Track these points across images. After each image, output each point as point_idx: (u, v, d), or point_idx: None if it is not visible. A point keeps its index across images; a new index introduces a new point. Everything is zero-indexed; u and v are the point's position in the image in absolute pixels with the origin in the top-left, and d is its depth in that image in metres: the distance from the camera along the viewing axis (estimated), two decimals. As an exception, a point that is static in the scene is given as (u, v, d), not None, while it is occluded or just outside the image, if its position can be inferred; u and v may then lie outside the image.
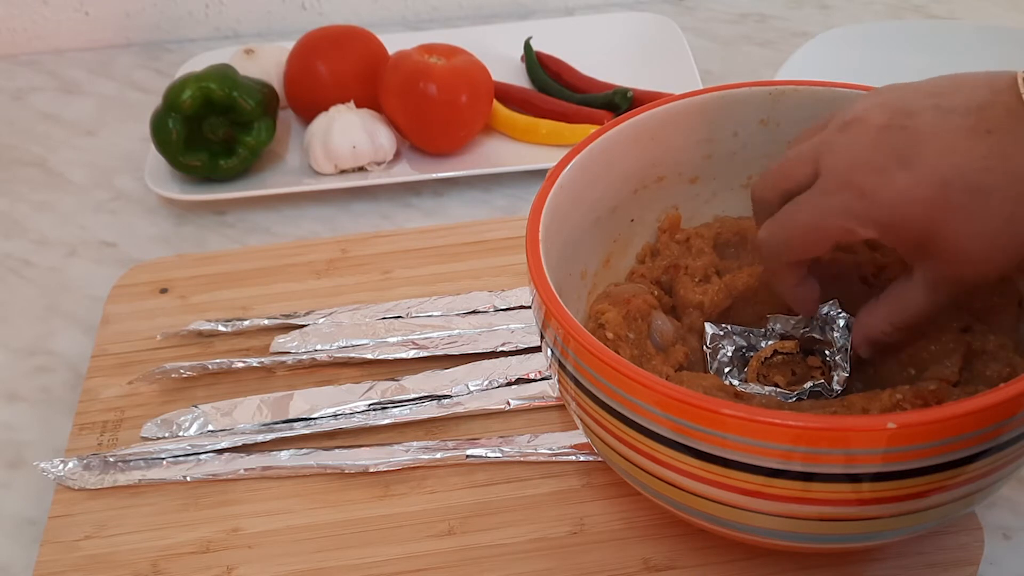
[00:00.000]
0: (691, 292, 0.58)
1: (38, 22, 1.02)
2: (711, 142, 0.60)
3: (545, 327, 0.49)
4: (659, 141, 0.59)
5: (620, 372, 0.44)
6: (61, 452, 0.62)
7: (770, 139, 0.60)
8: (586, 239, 0.58)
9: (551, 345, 0.49)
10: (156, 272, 0.73)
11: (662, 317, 0.57)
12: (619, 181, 0.59)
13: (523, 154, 0.83)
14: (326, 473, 0.59)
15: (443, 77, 0.80)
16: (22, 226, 0.82)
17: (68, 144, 0.91)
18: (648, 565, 0.54)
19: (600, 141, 0.57)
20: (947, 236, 0.44)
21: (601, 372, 0.45)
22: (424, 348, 0.65)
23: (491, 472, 0.59)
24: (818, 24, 0.99)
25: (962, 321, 0.53)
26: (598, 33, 0.96)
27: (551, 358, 0.50)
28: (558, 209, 0.54)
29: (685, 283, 0.59)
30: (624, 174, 0.59)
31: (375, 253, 0.74)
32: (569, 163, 0.55)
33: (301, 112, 0.86)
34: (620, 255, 0.62)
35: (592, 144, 0.57)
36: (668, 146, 0.60)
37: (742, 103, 0.59)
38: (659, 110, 0.58)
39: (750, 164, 0.61)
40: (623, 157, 0.58)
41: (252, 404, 0.63)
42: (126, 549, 0.57)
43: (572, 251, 0.57)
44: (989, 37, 0.89)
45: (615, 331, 0.54)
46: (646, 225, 0.62)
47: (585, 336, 0.46)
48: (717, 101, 0.59)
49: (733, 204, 0.63)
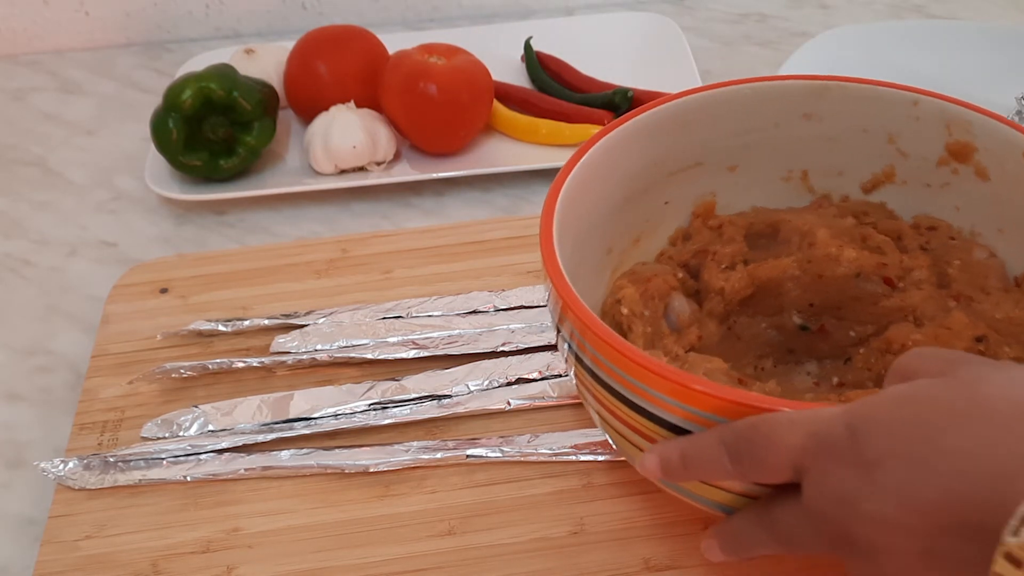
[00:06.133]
0: (715, 277, 0.58)
1: (38, 22, 1.02)
2: (750, 132, 0.60)
3: (562, 321, 0.49)
4: (697, 127, 0.59)
5: (625, 355, 0.44)
6: (61, 452, 0.62)
7: (813, 134, 0.60)
8: (615, 217, 0.59)
9: (568, 339, 0.49)
10: (156, 272, 0.73)
11: (681, 299, 0.57)
12: (652, 163, 0.59)
13: (523, 154, 0.83)
14: (326, 473, 0.59)
15: (443, 77, 0.80)
16: (22, 226, 0.82)
17: (68, 144, 0.91)
18: (648, 565, 0.54)
19: (633, 123, 0.57)
20: None
21: (610, 357, 0.45)
22: (424, 348, 0.65)
23: (491, 472, 0.59)
24: (818, 24, 0.99)
25: (978, 330, 0.53)
26: (598, 33, 0.96)
27: (567, 352, 0.50)
28: (583, 185, 0.54)
29: (711, 268, 0.59)
30: (658, 157, 0.59)
31: (375, 253, 0.74)
32: (598, 142, 0.55)
33: (301, 112, 0.86)
34: (651, 236, 0.62)
35: (624, 125, 0.57)
36: (706, 132, 0.60)
37: (784, 95, 0.59)
38: (697, 96, 0.58)
39: (792, 158, 0.61)
40: (657, 140, 0.58)
41: (252, 404, 0.63)
42: (126, 549, 0.57)
43: (598, 227, 0.57)
44: (989, 37, 0.89)
45: (631, 307, 0.55)
46: (680, 208, 0.62)
47: (599, 325, 0.46)
48: (758, 92, 0.59)
49: (771, 195, 0.63)
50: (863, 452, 0.37)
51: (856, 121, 0.59)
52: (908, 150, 0.60)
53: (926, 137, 0.58)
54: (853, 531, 0.37)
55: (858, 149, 0.61)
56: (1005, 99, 0.77)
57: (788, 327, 0.59)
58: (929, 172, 0.60)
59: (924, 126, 0.58)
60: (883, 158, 0.61)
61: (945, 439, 0.35)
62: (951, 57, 0.86)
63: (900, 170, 0.61)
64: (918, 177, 0.60)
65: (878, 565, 0.37)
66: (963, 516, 0.34)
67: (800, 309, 0.59)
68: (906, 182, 0.61)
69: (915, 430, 0.36)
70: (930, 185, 0.60)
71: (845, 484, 0.37)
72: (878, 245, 0.58)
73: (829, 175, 0.62)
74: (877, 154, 0.61)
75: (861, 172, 0.62)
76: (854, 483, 0.37)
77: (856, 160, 0.61)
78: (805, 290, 0.58)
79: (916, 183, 0.60)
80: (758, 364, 0.59)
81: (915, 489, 0.35)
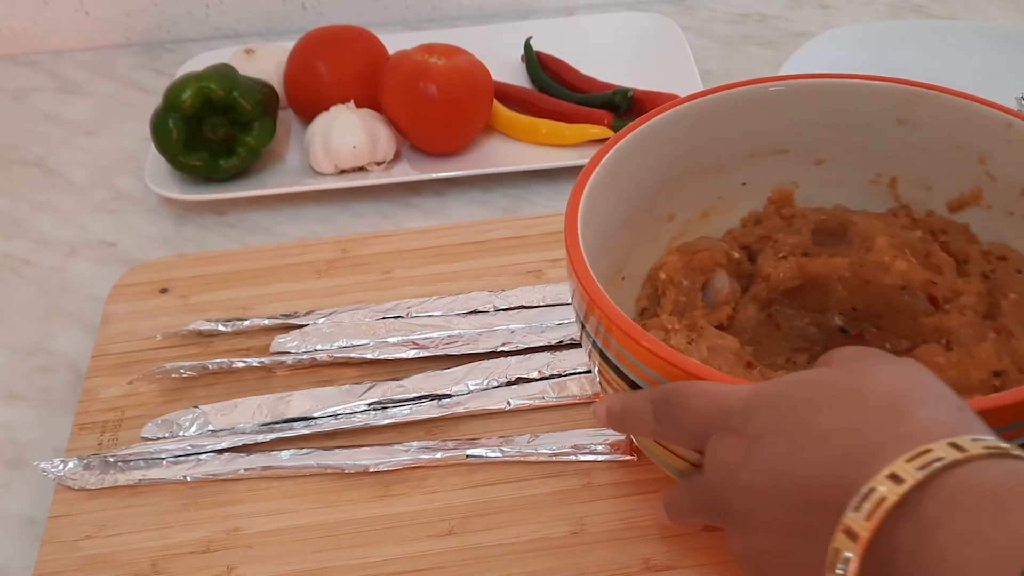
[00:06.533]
0: (767, 263, 0.58)
1: (38, 22, 1.02)
2: (839, 127, 0.60)
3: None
4: (781, 113, 0.59)
5: (594, 300, 0.46)
6: (61, 452, 0.62)
7: (906, 141, 0.59)
8: (681, 186, 0.59)
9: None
10: (156, 272, 0.73)
11: (723, 277, 0.58)
12: (729, 142, 0.60)
13: (523, 154, 0.83)
14: (326, 473, 0.59)
15: (443, 77, 0.80)
16: (22, 226, 0.82)
17: (68, 144, 0.91)
18: (648, 565, 0.54)
19: (713, 98, 0.57)
20: None
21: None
22: (424, 348, 0.65)
23: (491, 472, 0.59)
24: (818, 24, 0.99)
25: (1001, 364, 0.52)
26: (598, 33, 0.96)
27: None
28: (642, 147, 0.55)
29: (767, 255, 0.59)
30: (735, 137, 0.59)
31: (375, 253, 0.74)
32: (676, 107, 0.56)
33: (301, 112, 0.86)
34: (722, 213, 0.62)
35: (707, 97, 0.57)
36: (792, 120, 0.59)
37: (876, 97, 0.58)
38: (784, 84, 0.58)
39: (883, 161, 0.60)
40: (735, 120, 0.59)
41: (252, 404, 0.63)
42: (126, 549, 0.57)
43: (657, 191, 0.58)
44: (989, 37, 0.89)
45: (669, 274, 0.57)
46: (758, 192, 0.62)
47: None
48: (847, 88, 0.58)
49: (855, 196, 0.62)
50: (749, 426, 0.39)
51: (949, 135, 0.58)
52: (997, 173, 0.58)
53: (1016, 163, 0.56)
54: (731, 500, 0.40)
55: (949, 165, 0.59)
56: (1005, 99, 0.76)
57: (828, 327, 0.59)
58: (1014, 200, 0.58)
59: (1015, 151, 0.56)
60: (972, 178, 0.59)
61: (818, 421, 0.37)
62: (951, 57, 0.86)
63: (987, 193, 0.59)
64: (1003, 204, 0.58)
65: (748, 535, 0.40)
66: (820, 495, 0.36)
67: (843, 311, 0.58)
68: (991, 207, 0.59)
69: (796, 410, 0.38)
70: (1013, 214, 0.58)
71: (729, 455, 0.40)
72: (937, 264, 0.57)
73: (918, 187, 0.61)
74: (966, 173, 0.59)
75: (949, 189, 0.60)
76: (737, 455, 0.39)
77: (946, 176, 0.60)
78: (851, 293, 0.58)
79: (1000, 209, 0.58)
80: (792, 357, 0.59)
81: (785, 465, 0.37)
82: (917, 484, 0.33)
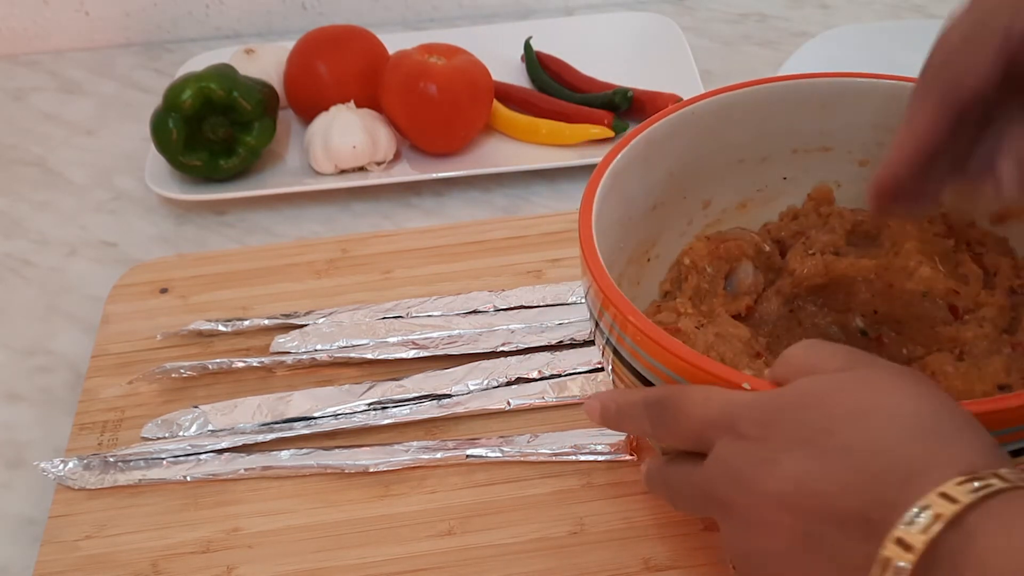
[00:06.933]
0: (795, 259, 0.58)
1: (38, 22, 1.02)
2: (884, 129, 0.59)
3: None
4: (829, 111, 0.59)
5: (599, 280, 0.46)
6: (61, 452, 0.62)
7: None
8: (719, 174, 0.60)
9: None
10: (156, 272, 0.73)
11: (748, 267, 0.58)
12: (772, 136, 0.60)
13: (523, 154, 0.83)
14: (326, 473, 0.59)
15: (443, 77, 0.80)
16: (22, 226, 0.82)
17: (68, 144, 0.91)
18: (648, 565, 0.54)
19: (755, 90, 0.57)
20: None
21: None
22: (424, 348, 0.65)
23: (491, 472, 0.59)
24: (818, 24, 0.99)
25: (1009, 379, 0.52)
26: (598, 33, 0.96)
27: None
28: (679, 132, 0.56)
29: (797, 250, 0.59)
30: (780, 130, 0.59)
31: (375, 253, 0.74)
32: (711, 98, 0.56)
33: (301, 112, 0.86)
34: (761, 206, 0.62)
35: (745, 90, 0.57)
36: (838, 119, 0.59)
37: None
38: (834, 80, 0.58)
39: None
40: (779, 113, 0.59)
41: (252, 404, 0.63)
42: (126, 549, 0.57)
43: (695, 177, 0.59)
44: (989, 37, 0.88)
45: (692, 259, 0.58)
46: (799, 188, 0.62)
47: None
48: (895, 91, 0.57)
49: None
50: (771, 439, 0.40)
51: None
52: None
53: None
54: (739, 502, 0.41)
55: None
56: (1005, 99, 0.76)
57: (850, 328, 0.58)
58: None
59: None
60: None
61: (847, 436, 0.38)
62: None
63: None
64: None
65: (754, 538, 0.41)
66: (852, 508, 0.37)
67: (865, 314, 0.58)
68: None
69: (819, 421, 0.39)
70: None
71: (743, 463, 0.41)
72: (964, 274, 0.57)
73: (963, 196, 0.60)
74: None
75: (992, 201, 0.58)
76: (754, 464, 0.40)
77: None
78: (874, 295, 0.57)
79: None
80: None
81: (814, 478, 0.38)
82: (970, 504, 0.35)
